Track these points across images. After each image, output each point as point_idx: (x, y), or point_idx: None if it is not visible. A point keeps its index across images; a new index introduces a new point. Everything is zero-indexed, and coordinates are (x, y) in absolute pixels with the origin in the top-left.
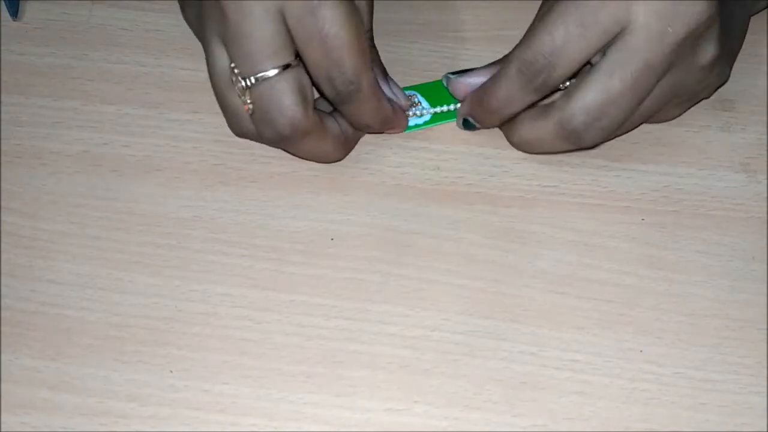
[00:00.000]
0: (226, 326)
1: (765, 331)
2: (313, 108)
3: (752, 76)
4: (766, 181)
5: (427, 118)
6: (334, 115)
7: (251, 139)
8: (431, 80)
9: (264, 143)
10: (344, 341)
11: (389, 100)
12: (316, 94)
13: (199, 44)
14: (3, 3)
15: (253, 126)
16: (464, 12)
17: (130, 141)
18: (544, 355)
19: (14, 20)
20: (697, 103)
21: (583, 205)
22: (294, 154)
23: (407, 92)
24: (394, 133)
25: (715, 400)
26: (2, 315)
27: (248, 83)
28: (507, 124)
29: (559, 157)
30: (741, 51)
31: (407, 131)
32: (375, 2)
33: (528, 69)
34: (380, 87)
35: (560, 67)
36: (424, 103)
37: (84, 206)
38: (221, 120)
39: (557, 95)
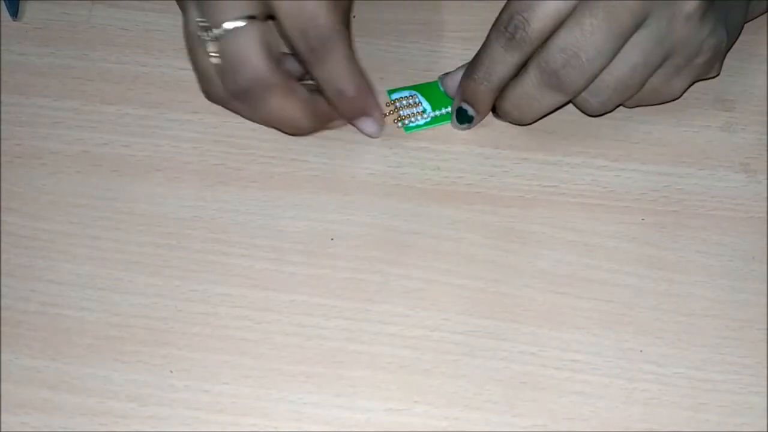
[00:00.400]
0: (226, 326)
1: (765, 331)
2: (279, 65)
3: (752, 76)
4: (766, 181)
5: (428, 119)
6: (304, 84)
7: (222, 104)
8: (431, 80)
9: (231, 106)
10: (344, 341)
11: (373, 90)
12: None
13: None
14: (3, 3)
15: (220, 87)
16: (464, 12)
17: (130, 141)
18: (544, 355)
19: (14, 20)
20: (705, 78)
21: (583, 205)
22: (262, 119)
23: (407, 92)
24: (371, 132)
25: (715, 400)
26: (2, 315)
27: (214, 34)
28: (500, 99)
29: (559, 156)
30: (741, 51)
31: (408, 131)
32: (375, 2)
33: (507, 28)
34: (354, 50)
35: (535, 20)
36: (425, 104)
37: (84, 206)
38: (221, 120)
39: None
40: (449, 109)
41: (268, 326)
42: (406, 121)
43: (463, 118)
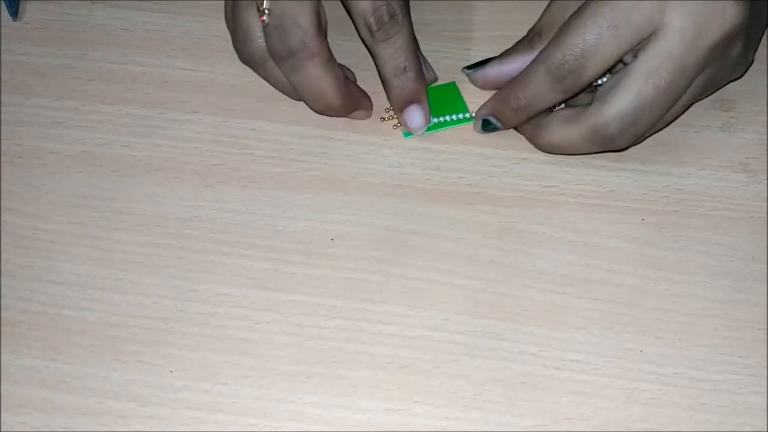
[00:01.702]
0: (226, 326)
1: (765, 331)
2: (324, 37)
3: (752, 76)
4: (766, 181)
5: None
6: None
7: (254, 65)
8: (431, 84)
9: (263, 68)
10: (344, 341)
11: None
12: None
13: (198, 44)
14: (3, 3)
15: (260, 45)
16: (464, 12)
17: (130, 141)
18: (544, 355)
19: (14, 20)
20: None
21: (583, 205)
22: (296, 83)
23: None
24: (414, 120)
25: (715, 400)
26: (2, 315)
27: None
28: (532, 128)
29: (559, 157)
30: None
31: (407, 137)
32: None
33: (558, 70)
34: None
35: (590, 68)
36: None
37: (84, 206)
38: (221, 120)
39: (585, 96)
40: (448, 117)
41: (268, 326)
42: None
43: (487, 127)
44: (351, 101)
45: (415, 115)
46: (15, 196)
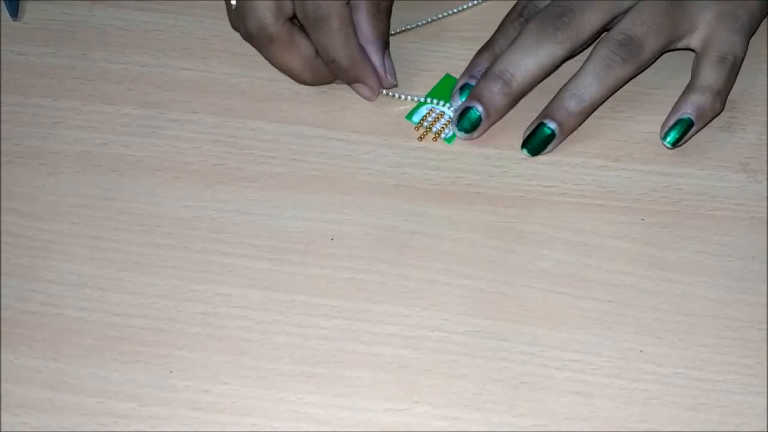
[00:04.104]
0: (226, 326)
1: (765, 331)
2: (287, 20)
3: (752, 76)
4: (766, 181)
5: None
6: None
7: (242, 37)
8: (432, 80)
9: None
10: (344, 341)
11: (369, 63)
12: None
13: (198, 44)
14: (3, 3)
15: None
16: (464, 12)
17: (130, 141)
18: (543, 355)
19: (14, 20)
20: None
21: (583, 205)
22: (269, 62)
23: (424, 108)
24: (365, 96)
25: (715, 400)
26: (2, 315)
27: None
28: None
29: (559, 156)
30: None
31: (451, 143)
32: None
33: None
34: (351, 24)
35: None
36: (445, 109)
37: (84, 206)
38: (221, 120)
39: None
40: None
41: (268, 326)
42: (442, 135)
43: (467, 121)
44: (322, 75)
45: (360, 89)
46: (15, 196)
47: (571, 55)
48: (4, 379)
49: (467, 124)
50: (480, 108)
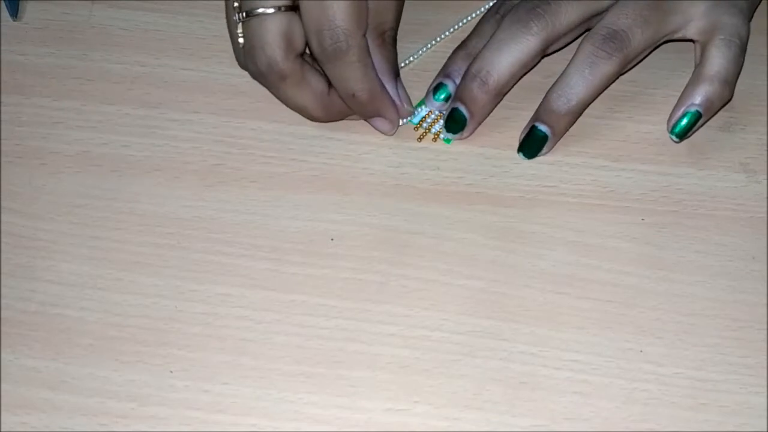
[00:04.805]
0: (226, 326)
1: (765, 331)
2: (298, 56)
3: (752, 76)
4: (766, 181)
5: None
6: (322, 74)
7: (251, 76)
8: (431, 81)
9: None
10: (344, 341)
11: (388, 95)
12: None
13: (198, 44)
14: (3, 3)
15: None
16: (464, 12)
17: (130, 141)
18: (543, 355)
19: (14, 20)
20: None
21: (583, 205)
22: (280, 100)
23: (422, 110)
24: (385, 131)
25: (715, 400)
26: (2, 315)
27: (243, 17)
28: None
29: (559, 156)
30: None
31: (450, 143)
32: None
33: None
34: (370, 56)
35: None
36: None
37: (84, 206)
38: (221, 120)
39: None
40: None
41: (268, 326)
42: (441, 136)
43: (454, 120)
44: (335, 111)
45: (377, 124)
46: (15, 196)
47: (549, 47)
48: (4, 379)
49: (453, 125)
50: (463, 108)
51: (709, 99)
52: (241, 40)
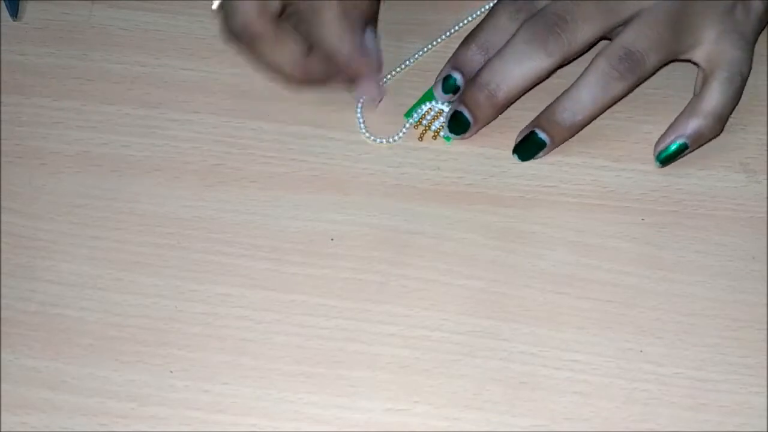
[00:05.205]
0: (226, 326)
1: (765, 331)
2: (273, 17)
3: (752, 76)
4: (766, 181)
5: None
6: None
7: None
8: (432, 80)
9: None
10: (344, 341)
11: (360, 48)
12: None
13: (198, 44)
14: (3, 3)
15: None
16: (464, 12)
17: (130, 141)
18: (543, 355)
19: (14, 20)
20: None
21: (583, 205)
22: (255, 63)
23: (422, 107)
24: (364, 92)
25: (715, 400)
26: (2, 315)
27: None
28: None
29: (559, 156)
30: None
31: (449, 142)
32: None
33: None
34: (350, 13)
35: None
36: (443, 107)
37: (84, 206)
38: (221, 120)
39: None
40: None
41: (268, 326)
42: (442, 133)
43: (457, 123)
44: (314, 73)
45: (362, 88)
46: (15, 196)
47: (561, 66)
48: (4, 379)
49: (456, 127)
50: (467, 113)
51: (699, 132)
52: (215, 4)
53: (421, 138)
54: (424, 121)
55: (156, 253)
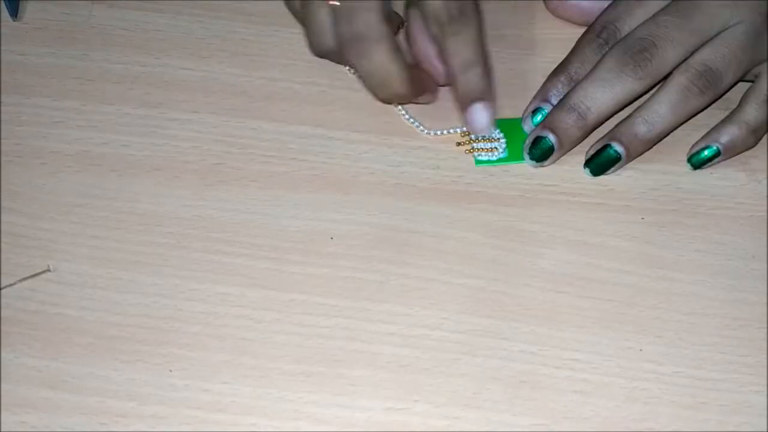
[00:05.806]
0: (226, 326)
1: (765, 330)
2: (390, 25)
3: None
4: (766, 181)
5: (500, 156)
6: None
7: (328, 56)
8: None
9: (335, 57)
10: (344, 341)
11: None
12: None
13: (198, 44)
14: (3, 3)
15: (331, 37)
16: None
17: (130, 141)
18: (543, 354)
19: (14, 20)
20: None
21: (583, 204)
22: (363, 69)
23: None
24: (477, 118)
25: (715, 399)
26: (2, 315)
27: None
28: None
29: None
30: None
31: (477, 165)
32: None
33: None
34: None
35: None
36: (502, 140)
37: (84, 206)
38: (221, 120)
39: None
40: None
41: (268, 325)
42: (476, 154)
43: (539, 150)
44: (417, 87)
45: (479, 114)
46: (15, 196)
47: (649, 90)
48: (4, 378)
49: (539, 153)
50: (553, 138)
51: (733, 140)
52: (333, 3)
53: (458, 144)
54: (473, 135)
55: (156, 252)
